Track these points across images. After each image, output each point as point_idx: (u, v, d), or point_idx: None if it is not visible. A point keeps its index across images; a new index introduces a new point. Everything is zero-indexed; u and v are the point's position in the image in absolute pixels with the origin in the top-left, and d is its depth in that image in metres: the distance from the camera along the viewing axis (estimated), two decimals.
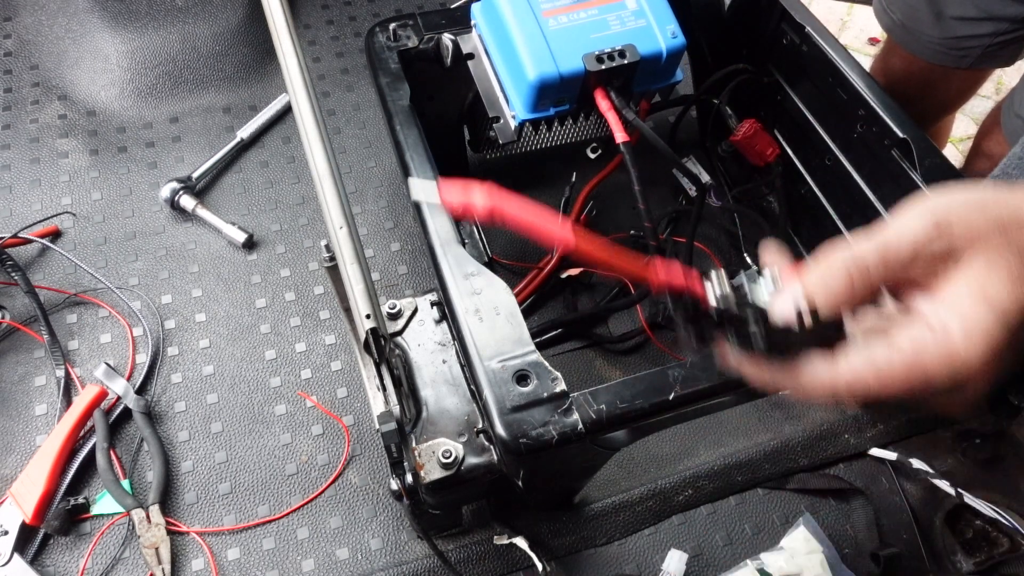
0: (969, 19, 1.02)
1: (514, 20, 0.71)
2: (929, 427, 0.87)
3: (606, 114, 0.70)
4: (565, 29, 0.72)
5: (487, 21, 0.77)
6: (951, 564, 0.78)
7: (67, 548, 0.78)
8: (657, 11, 0.74)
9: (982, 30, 1.02)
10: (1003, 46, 1.04)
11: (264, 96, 1.17)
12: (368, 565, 0.79)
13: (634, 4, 0.74)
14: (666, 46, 0.72)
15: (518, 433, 0.54)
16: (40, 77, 1.16)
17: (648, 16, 0.74)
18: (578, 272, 0.95)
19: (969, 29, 1.03)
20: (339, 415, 0.88)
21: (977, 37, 1.03)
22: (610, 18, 0.73)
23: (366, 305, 0.53)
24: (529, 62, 0.70)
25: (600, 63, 0.69)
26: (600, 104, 0.70)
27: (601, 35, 0.72)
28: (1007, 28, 1.01)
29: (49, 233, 1.00)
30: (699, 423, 0.88)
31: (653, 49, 0.71)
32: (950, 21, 1.04)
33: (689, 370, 0.57)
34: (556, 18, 0.72)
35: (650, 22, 0.73)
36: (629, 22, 0.73)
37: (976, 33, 1.03)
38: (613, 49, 0.70)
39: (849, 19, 2.37)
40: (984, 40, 1.03)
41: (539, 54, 0.70)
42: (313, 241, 1.03)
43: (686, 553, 0.79)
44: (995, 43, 1.03)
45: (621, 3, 0.74)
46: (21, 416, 0.86)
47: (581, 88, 0.72)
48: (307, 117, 0.57)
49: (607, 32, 0.72)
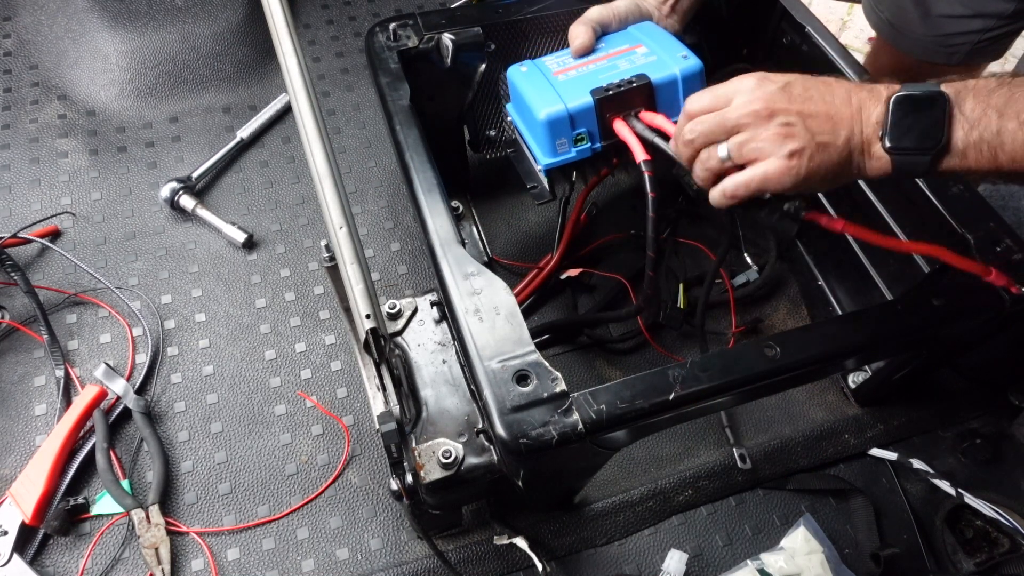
0: (957, 16, 1.02)
1: (527, 85, 0.75)
2: (929, 427, 0.87)
3: (625, 139, 0.69)
4: (574, 78, 0.73)
5: (514, 103, 0.79)
6: (951, 564, 0.78)
7: (67, 548, 0.78)
8: (666, 45, 0.74)
9: (970, 27, 1.02)
10: (992, 42, 1.04)
11: (264, 96, 1.17)
12: (368, 565, 0.79)
13: (644, 49, 0.75)
14: (680, 70, 0.72)
15: (518, 433, 0.54)
16: (40, 77, 1.16)
17: (658, 52, 0.74)
18: (578, 272, 0.95)
19: (957, 26, 1.03)
20: (339, 415, 0.88)
21: (965, 34, 1.03)
22: (620, 63, 0.74)
23: (366, 305, 0.53)
24: (538, 107, 0.71)
25: (607, 91, 0.70)
26: (619, 132, 0.70)
27: (610, 74, 0.73)
28: (994, 24, 1.01)
29: (49, 233, 1.00)
30: (699, 423, 0.88)
31: (667, 75, 0.71)
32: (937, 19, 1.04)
33: (689, 370, 0.57)
34: (566, 74, 0.74)
35: (660, 56, 0.73)
36: (639, 60, 0.74)
37: (964, 30, 1.03)
38: (622, 80, 0.70)
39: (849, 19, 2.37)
40: (972, 37, 1.03)
41: (548, 99, 0.71)
42: (313, 241, 1.03)
43: (686, 553, 0.79)
44: (984, 39, 1.03)
45: (631, 52, 0.75)
46: (21, 416, 0.86)
47: (600, 123, 0.72)
48: (307, 117, 0.57)
49: (616, 71, 0.73)
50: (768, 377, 0.59)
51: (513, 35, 0.86)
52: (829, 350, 0.61)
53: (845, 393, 0.90)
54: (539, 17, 0.85)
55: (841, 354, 0.63)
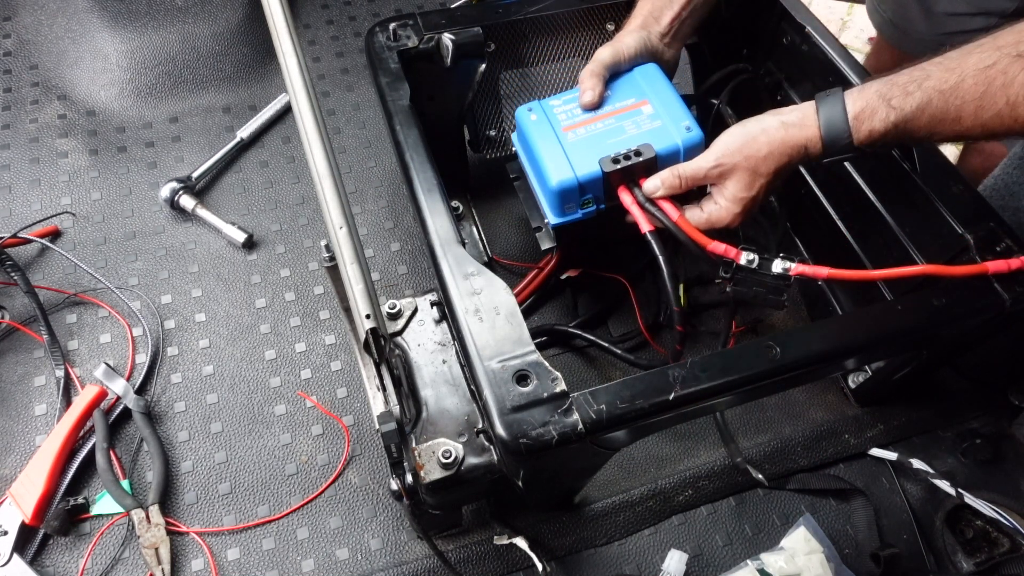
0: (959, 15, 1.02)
1: (537, 138, 0.77)
2: (929, 427, 0.87)
3: (629, 208, 0.73)
4: (583, 140, 0.76)
5: (520, 144, 0.82)
6: (951, 564, 0.78)
7: (67, 548, 0.78)
8: (671, 111, 0.76)
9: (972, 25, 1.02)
10: None
11: (264, 96, 1.17)
12: (368, 565, 0.79)
13: (650, 109, 0.77)
14: (682, 141, 0.74)
15: (518, 433, 0.54)
16: (40, 77, 1.16)
17: (663, 116, 0.76)
18: (578, 272, 0.95)
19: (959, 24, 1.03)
20: (339, 415, 0.88)
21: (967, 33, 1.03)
22: (626, 124, 0.76)
23: (366, 305, 0.53)
24: (550, 172, 0.74)
25: (616, 164, 0.72)
26: (623, 200, 0.74)
27: (617, 139, 0.75)
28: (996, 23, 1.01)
29: (49, 233, 1.00)
30: (699, 423, 0.88)
31: (670, 145, 0.74)
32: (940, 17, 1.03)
33: (689, 370, 0.57)
34: (575, 131, 0.76)
35: (665, 122, 0.75)
36: (645, 124, 0.76)
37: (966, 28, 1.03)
38: (629, 150, 0.73)
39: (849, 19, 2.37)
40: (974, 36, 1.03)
41: (559, 164, 0.74)
42: (313, 241, 1.03)
43: (686, 553, 0.79)
44: None
45: (637, 110, 0.77)
46: (21, 416, 0.86)
47: (605, 189, 0.75)
48: (307, 117, 0.57)
49: (623, 136, 0.75)
50: (768, 377, 0.59)
51: (513, 35, 0.86)
52: (829, 350, 0.61)
53: (845, 393, 0.90)
54: (539, 17, 0.85)
55: (841, 354, 0.63)
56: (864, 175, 0.79)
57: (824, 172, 0.87)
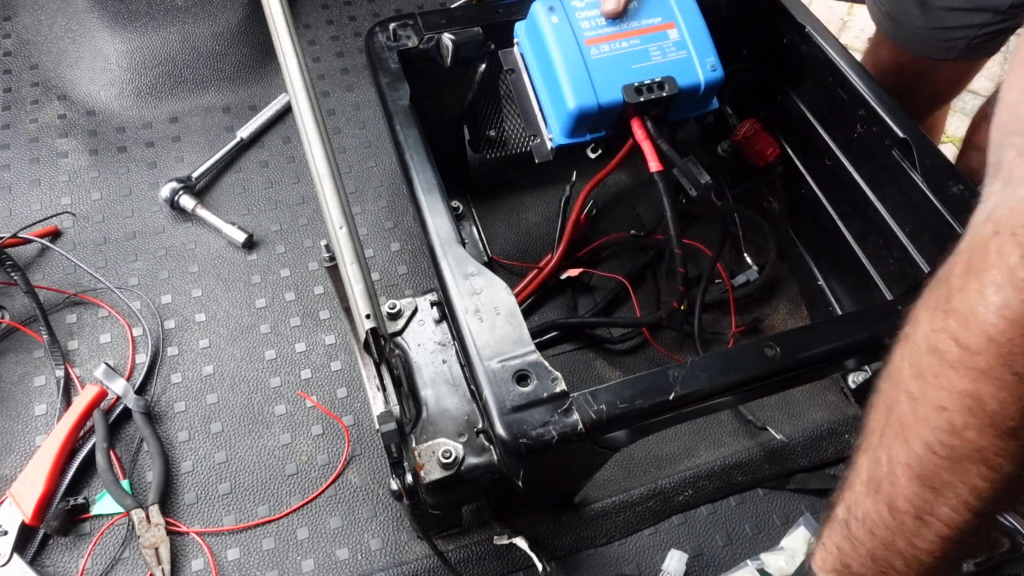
0: (956, 9, 1.02)
1: (557, 45, 0.71)
2: None
3: (641, 143, 0.70)
4: (607, 59, 0.71)
5: (530, 41, 0.76)
6: None
7: (67, 548, 0.78)
8: (698, 43, 0.74)
9: (969, 20, 1.02)
10: (990, 37, 1.04)
11: (264, 96, 1.17)
12: (368, 565, 0.79)
13: (676, 35, 0.74)
14: (704, 79, 0.72)
15: (518, 433, 0.54)
16: (40, 77, 1.16)
17: (689, 47, 0.73)
18: (578, 272, 0.95)
19: (956, 20, 1.03)
20: (339, 415, 0.88)
21: (964, 28, 1.03)
22: (651, 48, 0.73)
23: (366, 305, 0.53)
24: (570, 91, 0.70)
25: (639, 95, 0.70)
26: (636, 133, 0.71)
27: (642, 66, 0.72)
28: (992, 19, 1.01)
29: (49, 233, 1.00)
30: (699, 423, 0.88)
31: (692, 82, 0.72)
32: (937, 11, 1.04)
33: (689, 370, 0.57)
34: (598, 47, 0.72)
35: (691, 53, 0.73)
36: (670, 53, 0.73)
37: (963, 24, 1.03)
38: (652, 81, 0.70)
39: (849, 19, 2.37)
40: (971, 31, 1.03)
41: (580, 84, 0.70)
42: (313, 241, 1.03)
43: (686, 553, 0.79)
44: (981, 34, 1.03)
45: (663, 32, 0.74)
46: (21, 416, 0.86)
47: (619, 116, 0.72)
48: (307, 117, 0.57)
49: (647, 63, 0.72)
50: (768, 377, 0.59)
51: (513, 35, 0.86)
52: (829, 350, 0.61)
53: (845, 393, 0.90)
54: None
55: (841, 354, 0.63)
56: (864, 175, 0.79)
57: (824, 172, 0.87)
